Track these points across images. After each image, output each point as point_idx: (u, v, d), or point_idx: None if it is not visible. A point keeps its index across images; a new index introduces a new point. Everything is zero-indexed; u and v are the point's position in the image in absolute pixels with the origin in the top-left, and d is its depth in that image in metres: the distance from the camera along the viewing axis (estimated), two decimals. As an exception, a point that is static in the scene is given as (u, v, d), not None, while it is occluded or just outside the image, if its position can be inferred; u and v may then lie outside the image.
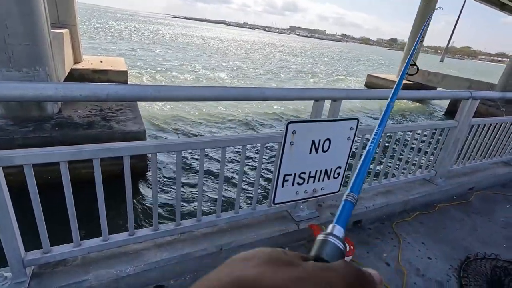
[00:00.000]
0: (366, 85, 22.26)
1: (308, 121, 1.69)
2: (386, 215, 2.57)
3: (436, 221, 2.63)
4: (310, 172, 1.83)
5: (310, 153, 1.76)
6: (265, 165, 6.62)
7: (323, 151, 1.79)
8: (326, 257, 0.29)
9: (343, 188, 2.05)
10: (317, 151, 1.77)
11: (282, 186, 1.79)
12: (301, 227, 2.06)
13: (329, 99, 1.79)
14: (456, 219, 2.70)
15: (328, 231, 0.33)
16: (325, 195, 1.97)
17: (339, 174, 1.93)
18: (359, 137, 1.97)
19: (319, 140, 1.75)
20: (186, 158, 6.81)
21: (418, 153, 2.62)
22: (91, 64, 10.16)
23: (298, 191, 1.86)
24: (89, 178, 1.48)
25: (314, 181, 1.88)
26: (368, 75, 22.73)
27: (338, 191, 2.01)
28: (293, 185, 1.82)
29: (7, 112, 5.42)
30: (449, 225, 2.59)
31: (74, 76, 9.04)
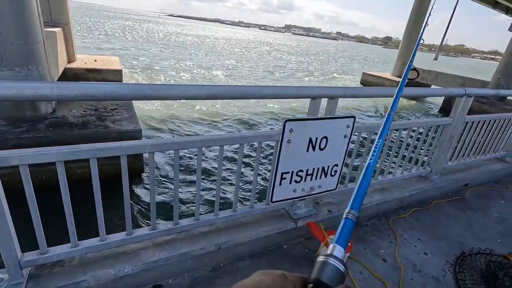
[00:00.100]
0: (361, 83, 22.39)
1: (305, 119, 1.69)
2: (382, 212, 2.60)
3: (432, 217, 2.66)
4: (308, 170, 1.84)
5: (307, 151, 1.76)
6: (263, 163, 6.62)
7: (320, 149, 1.80)
8: (326, 280, 0.29)
9: (340, 186, 2.06)
10: (314, 149, 1.78)
11: (280, 184, 1.79)
12: (298, 224, 2.07)
13: (326, 97, 1.80)
14: (452, 215, 2.73)
15: (328, 252, 0.32)
16: (322, 192, 1.98)
17: (336, 171, 1.95)
18: (355, 134, 1.99)
19: (316, 138, 1.76)
20: (184, 157, 6.79)
21: (413, 150, 2.64)
22: (85, 63, 10.06)
23: (295, 189, 1.86)
24: (84, 178, 1.47)
25: (311, 179, 1.88)
26: (363, 73, 22.85)
27: (335, 189, 2.02)
28: (290, 183, 1.82)
29: (0, 112, 5.34)
30: (444, 221, 2.62)
31: (68, 76, 8.95)
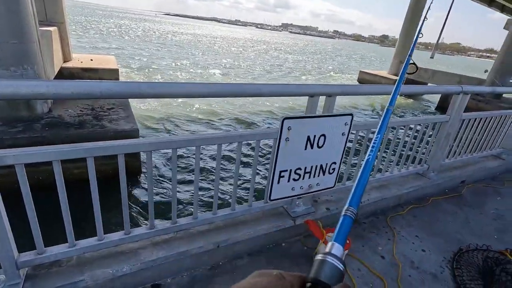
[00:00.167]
0: (358, 81, 22.45)
1: (303, 117, 1.69)
2: (380, 209, 2.61)
3: (429, 214, 2.67)
4: (306, 168, 1.84)
5: (305, 149, 1.76)
6: (261, 162, 6.62)
7: (318, 147, 1.80)
8: (324, 279, 0.29)
9: (338, 184, 2.06)
10: (312, 146, 1.78)
11: (278, 182, 1.79)
12: (297, 222, 2.07)
13: (323, 95, 1.80)
14: (449, 212, 2.75)
15: (326, 250, 0.32)
16: (320, 190, 1.98)
17: (334, 169, 1.95)
18: (353, 133, 1.99)
19: (314, 136, 1.76)
20: (182, 155, 6.77)
21: (411, 147, 2.65)
22: (81, 62, 9.97)
23: (294, 187, 1.87)
24: (81, 178, 1.46)
25: (309, 177, 1.89)
26: (360, 72, 22.90)
27: (333, 187, 2.03)
28: (288, 181, 1.82)
29: (-5, 112, 5.29)
30: (442, 218, 2.64)
31: (64, 75, 8.87)
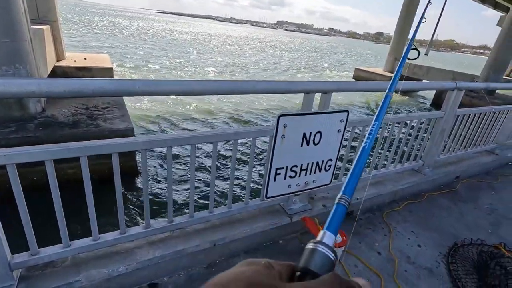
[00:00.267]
0: (354, 79, 22.48)
1: (299, 114, 1.69)
2: (376, 206, 2.62)
3: (424, 210, 2.69)
4: (302, 165, 1.84)
5: (301, 146, 1.76)
6: (257, 159, 6.62)
7: (314, 144, 1.80)
8: (314, 268, 0.28)
9: (334, 180, 2.07)
10: (308, 143, 1.78)
11: (274, 180, 1.79)
12: (294, 220, 2.07)
13: (319, 92, 1.80)
14: (444, 207, 2.77)
15: (317, 239, 0.31)
16: (317, 187, 1.98)
17: (330, 166, 1.95)
18: (348, 130, 1.99)
19: (310, 133, 1.75)
20: (177, 154, 6.74)
21: (406, 143, 2.66)
22: (75, 61, 9.84)
23: (290, 184, 1.86)
24: (76, 178, 1.44)
25: (306, 174, 1.89)
26: (356, 69, 22.95)
27: (329, 183, 2.03)
28: (285, 178, 1.82)
29: (-13, 112, 5.21)
30: (437, 213, 2.66)
31: (57, 74, 8.76)
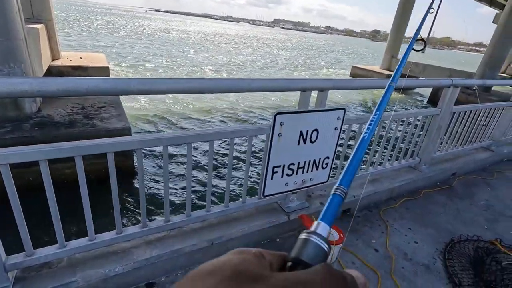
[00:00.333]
0: (351, 77, 22.52)
1: (296, 112, 1.68)
2: (373, 203, 2.63)
3: (421, 206, 2.71)
4: (299, 163, 1.84)
5: (298, 144, 1.76)
6: (255, 157, 6.62)
7: (311, 142, 1.80)
8: (306, 259, 0.27)
9: (331, 178, 2.07)
10: (305, 142, 1.77)
11: (272, 178, 1.78)
12: (291, 218, 2.07)
13: (316, 89, 1.79)
14: (440, 204, 2.79)
15: (311, 229, 0.30)
16: (314, 185, 1.98)
17: (327, 164, 1.95)
18: (345, 130, 1.99)
19: (307, 131, 1.75)
20: (174, 153, 6.71)
21: (403, 140, 2.67)
22: (70, 60, 9.76)
23: (287, 183, 1.86)
24: (73, 178, 1.42)
25: (303, 172, 1.88)
26: (353, 67, 22.98)
27: (326, 181, 2.03)
28: (282, 176, 1.82)
29: (-19, 112, 5.16)
30: (433, 210, 2.67)
31: (53, 73, 8.68)
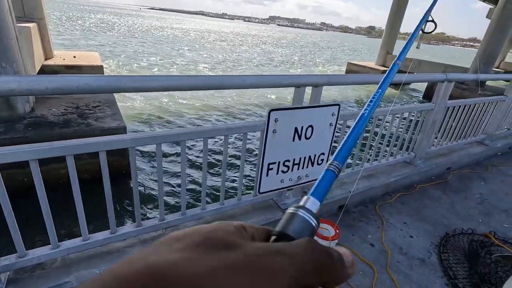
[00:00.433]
0: (346, 73, 22.57)
1: (290, 108, 1.68)
2: (369, 198, 2.64)
3: (416, 201, 2.72)
4: (294, 159, 1.83)
5: (293, 140, 1.75)
6: (250, 154, 6.61)
7: (306, 138, 1.80)
8: (292, 233, 0.25)
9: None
10: (300, 138, 1.77)
11: (267, 175, 1.78)
12: (287, 214, 2.07)
13: (310, 85, 1.78)
14: (435, 198, 2.81)
15: (300, 204, 0.28)
16: (310, 181, 1.98)
17: (322, 160, 1.95)
18: (340, 125, 1.99)
19: (302, 127, 1.75)
20: (167, 151, 6.68)
21: (398, 135, 2.68)
22: (63, 59, 9.65)
23: (283, 179, 1.86)
24: (69, 178, 1.40)
25: (298, 169, 1.88)
26: (348, 63, 23.02)
27: (322, 177, 2.03)
28: (277, 173, 1.81)
29: (-27, 113, 5.08)
30: (428, 204, 2.69)
31: (46, 73, 8.58)
